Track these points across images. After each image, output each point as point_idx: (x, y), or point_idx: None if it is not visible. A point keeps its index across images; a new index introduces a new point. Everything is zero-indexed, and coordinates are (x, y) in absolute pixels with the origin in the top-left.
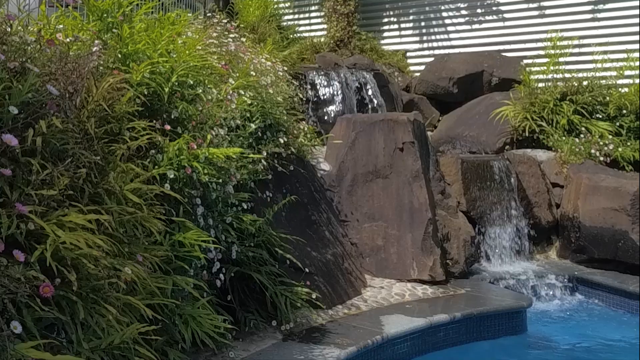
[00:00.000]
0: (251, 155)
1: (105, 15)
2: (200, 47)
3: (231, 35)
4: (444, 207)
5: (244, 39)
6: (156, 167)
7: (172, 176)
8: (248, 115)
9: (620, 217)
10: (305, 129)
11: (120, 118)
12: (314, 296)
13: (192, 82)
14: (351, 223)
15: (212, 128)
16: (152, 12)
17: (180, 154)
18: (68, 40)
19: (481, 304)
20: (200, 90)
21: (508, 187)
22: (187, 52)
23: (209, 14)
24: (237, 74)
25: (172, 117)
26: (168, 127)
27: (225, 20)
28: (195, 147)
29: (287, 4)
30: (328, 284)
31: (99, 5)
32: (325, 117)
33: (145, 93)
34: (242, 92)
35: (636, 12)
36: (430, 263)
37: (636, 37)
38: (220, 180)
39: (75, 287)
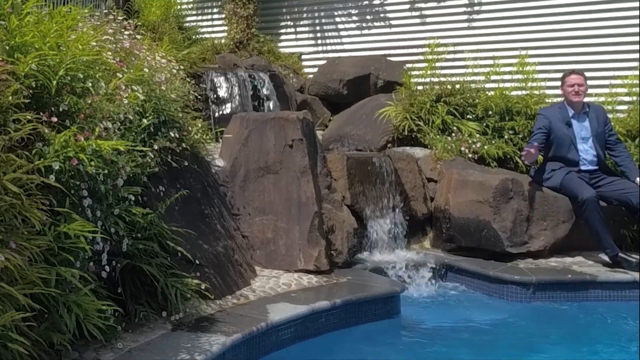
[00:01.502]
0: (138, 148)
1: None
2: (95, 43)
3: (126, 33)
4: (330, 201)
5: (139, 37)
6: (42, 159)
7: (57, 168)
8: (141, 110)
9: (484, 208)
10: (200, 125)
11: (5, 110)
12: (203, 287)
13: (82, 76)
14: (243, 217)
15: (101, 121)
16: (47, 5)
17: (67, 146)
18: None
19: (360, 290)
20: (90, 84)
21: (388, 182)
22: (79, 46)
23: (105, 11)
24: (132, 70)
25: (61, 109)
26: (55, 119)
27: (121, 18)
28: (82, 139)
29: (190, 5)
30: (219, 275)
31: None
32: (223, 115)
33: (34, 86)
34: (136, 88)
35: (504, 22)
36: (316, 254)
37: (502, 45)
38: (107, 172)
39: None
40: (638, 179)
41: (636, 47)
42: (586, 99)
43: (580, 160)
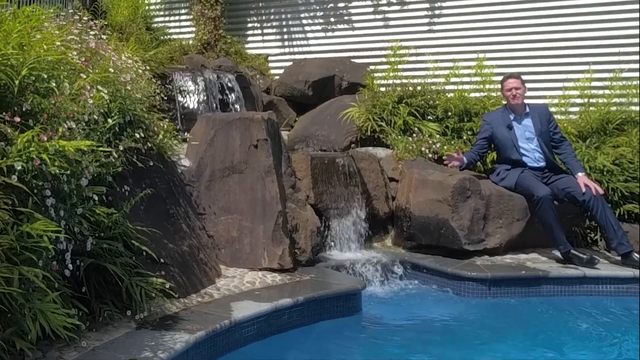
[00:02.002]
0: (101, 148)
1: None
2: (59, 43)
3: (92, 33)
4: (294, 200)
5: (104, 37)
6: (4, 158)
7: (19, 167)
8: (106, 111)
9: (443, 207)
10: (165, 126)
11: None
12: (167, 286)
13: (46, 76)
14: (208, 216)
15: (65, 121)
16: (11, 5)
17: (29, 145)
18: None
19: (322, 288)
20: (55, 84)
21: (351, 181)
22: (43, 46)
23: (71, 11)
24: (97, 70)
25: (24, 109)
26: (18, 119)
27: (86, 18)
28: (46, 139)
29: (158, 6)
30: (183, 274)
31: None
32: (190, 116)
33: None
34: (100, 88)
35: (463, 26)
36: (280, 252)
37: (462, 48)
38: (70, 172)
39: None
40: (580, 173)
41: (586, 51)
42: (544, 101)
43: (526, 160)
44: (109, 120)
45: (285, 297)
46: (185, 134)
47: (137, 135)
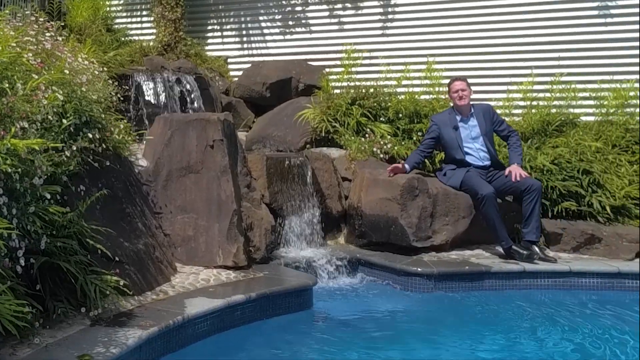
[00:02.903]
0: (52, 145)
1: None
2: (15, 44)
3: (47, 34)
4: (249, 199)
5: (60, 38)
6: None
7: None
8: (62, 111)
9: (393, 205)
10: (122, 127)
11: None
12: (122, 283)
13: None
14: (165, 215)
15: (18, 121)
16: None
17: None
18: None
19: (275, 284)
20: (7, 85)
21: (305, 181)
22: None
23: (27, 12)
24: (53, 71)
25: None
26: None
27: (42, 19)
28: None
29: (120, 8)
30: (139, 272)
31: None
32: (148, 116)
33: None
34: (55, 89)
35: (415, 30)
36: (234, 250)
37: (413, 52)
38: (21, 171)
39: None
40: (514, 164)
41: (529, 55)
42: (492, 104)
43: (470, 159)
44: (64, 120)
45: (238, 293)
46: (144, 134)
47: (91, 136)
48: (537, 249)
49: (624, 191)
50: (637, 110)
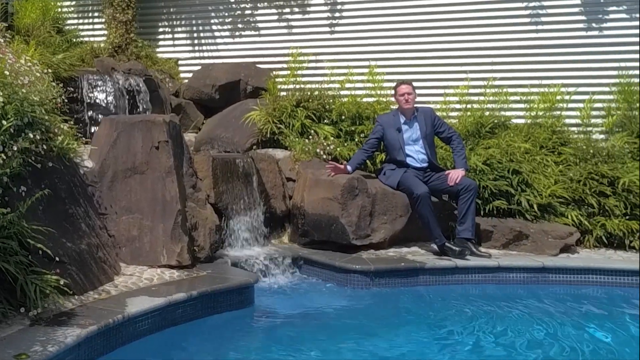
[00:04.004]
0: None
1: None
2: None
3: None
4: (195, 199)
5: (2, 40)
6: None
7: None
8: (2, 113)
9: (334, 205)
10: (67, 128)
11: None
12: (62, 283)
13: None
14: (110, 216)
15: None
16: None
17: None
18: None
19: (217, 282)
20: None
21: (250, 181)
22: None
23: None
24: None
25: None
26: None
27: None
28: None
29: (71, 9)
30: (81, 272)
31: None
32: (97, 118)
33: None
34: None
35: (358, 35)
36: (178, 250)
37: (356, 56)
38: None
39: None
40: (459, 169)
41: (465, 60)
42: (431, 106)
43: (410, 161)
44: (4, 122)
45: (180, 292)
46: (91, 135)
47: (32, 136)
48: (471, 245)
49: (550, 190)
50: (563, 113)
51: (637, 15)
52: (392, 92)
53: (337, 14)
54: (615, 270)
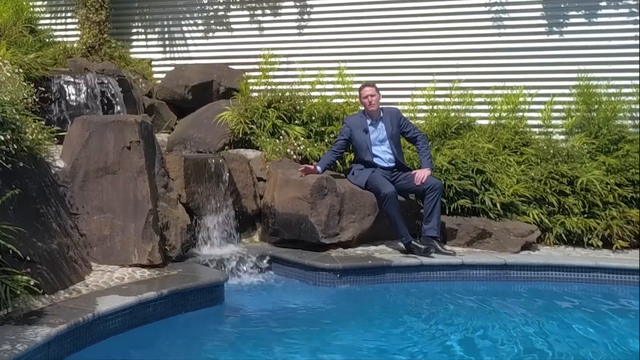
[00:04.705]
0: None
1: None
2: None
3: None
4: (166, 199)
5: None
6: None
7: None
8: None
9: (303, 204)
10: (38, 127)
11: None
12: (32, 283)
13: None
14: (82, 215)
15: None
16: None
17: None
18: None
19: (188, 281)
20: None
21: (222, 181)
22: None
23: None
24: None
25: None
26: None
27: None
28: None
29: (44, 9)
30: (52, 271)
31: None
32: (70, 118)
33: None
34: None
35: (328, 37)
36: (150, 249)
37: (326, 58)
38: None
39: None
40: (425, 169)
41: (431, 62)
42: (399, 107)
43: (377, 161)
44: None
45: (151, 290)
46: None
47: (2, 136)
48: (436, 243)
49: (513, 189)
50: (525, 114)
51: (595, 20)
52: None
53: (306, 16)
54: (574, 267)
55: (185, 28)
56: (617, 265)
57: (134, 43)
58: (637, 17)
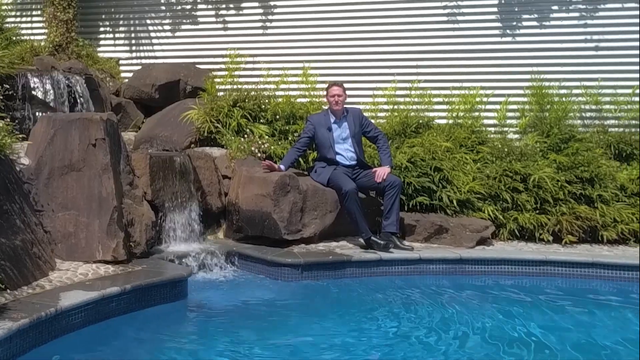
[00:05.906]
0: None
1: None
2: None
3: None
4: (131, 196)
5: None
6: None
7: None
8: None
9: (266, 201)
10: (2, 125)
11: None
12: None
13: None
14: (46, 212)
15: None
16: None
17: None
18: None
19: (151, 276)
20: None
21: (187, 179)
22: None
23: None
24: None
25: None
26: None
27: None
28: None
29: (10, 7)
30: (15, 267)
31: None
32: (35, 116)
33: None
34: None
35: (292, 37)
36: (114, 245)
37: (291, 58)
38: None
39: None
40: (385, 166)
41: (392, 63)
42: (361, 107)
43: (339, 159)
44: None
45: (114, 286)
46: (28, 133)
47: None
48: (396, 239)
49: (469, 186)
50: (481, 114)
51: (547, 24)
52: (325, 92)
53: (270, 16)
54: (525, 261)
55: (151, 27)
56: (566, 259)
57: (102, 42)
58: (586, 21)
